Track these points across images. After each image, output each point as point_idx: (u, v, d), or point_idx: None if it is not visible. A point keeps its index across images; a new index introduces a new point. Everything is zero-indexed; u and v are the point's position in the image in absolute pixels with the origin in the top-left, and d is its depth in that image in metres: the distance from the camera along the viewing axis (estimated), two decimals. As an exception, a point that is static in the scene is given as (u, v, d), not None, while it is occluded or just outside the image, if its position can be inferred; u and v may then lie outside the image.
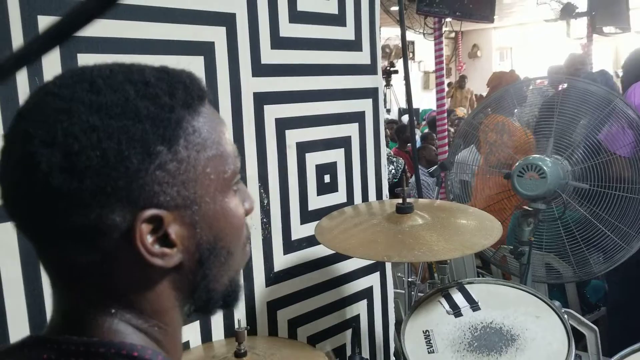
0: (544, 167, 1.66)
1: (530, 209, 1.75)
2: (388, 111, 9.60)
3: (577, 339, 1.79)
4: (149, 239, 0.52)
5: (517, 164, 1.79)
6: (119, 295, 0.55)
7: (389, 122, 7.74)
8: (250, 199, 0.64)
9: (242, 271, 1.54)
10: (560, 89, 2.07)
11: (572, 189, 1.87)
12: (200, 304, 0.61)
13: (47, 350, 0.52)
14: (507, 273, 2.30)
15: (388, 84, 9.42)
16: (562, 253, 1.96)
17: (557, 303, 1.39)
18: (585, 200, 1.84)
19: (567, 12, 6.42)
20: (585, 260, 1.89)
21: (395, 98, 9.71)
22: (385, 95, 9.40)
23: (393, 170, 4.28)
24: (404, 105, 9.26)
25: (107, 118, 0.50)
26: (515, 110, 2.29)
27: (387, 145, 6.08)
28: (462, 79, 12.17)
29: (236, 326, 1.31)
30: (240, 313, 1.56)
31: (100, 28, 1.24)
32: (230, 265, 0.62)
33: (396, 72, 8.49)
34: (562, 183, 1.82)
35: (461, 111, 9.82)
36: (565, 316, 1.33)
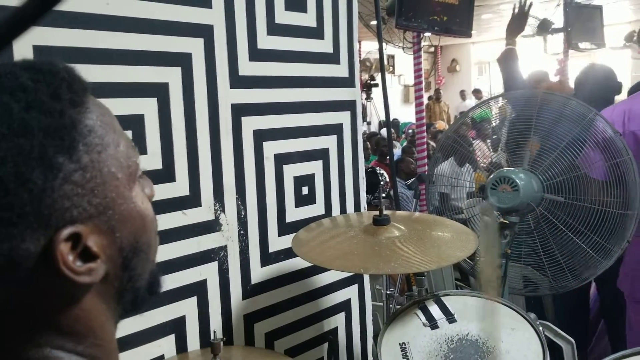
0: (517, 180, 1.68)
1: (506, 222, 1.77)
2: (368, 124, 9.66)
3: (556, 351, 1.81)
4: (70, 258, 0.48)
5: (490, 176, 1.81)
6: (45, 323, 0.51)
7: (369, 135, 7.79)
8: (149, 183, 0.61)
9: (218, 283, 1.54)
10: (537, 102, 2.09)
11: (548, 202, 1.89)
12: (128, 306, 0.58)
13: None
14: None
15: (368, 97, 9.49)
16: (540, 266, 1.98)
17: (532, 315, 1.40)
18: (561, 213, 1.86)
19: (544, 28, 6.52)
20: (562, 273, 1.91)
21: (375, 111, 9.78)
22: (365, 108, 9.46)
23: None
24: (384, 118, 9.29)
25: None
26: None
27: (368, 158, 6.11)
28: (437, 92, 12.33)
29: (212, 337, 1.29)
30: (216, 326, 1.55)
31: (75, 38, 1.23)
32: (151, 258, 0.59)
33: (376, 85, 8.56)
34: (537, 196, 1.84)
35: (442, 124, 9.92)
36: (541, 328, 1.34)
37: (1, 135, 0.45)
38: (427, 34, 4.75)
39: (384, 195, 3.31)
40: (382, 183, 3.95)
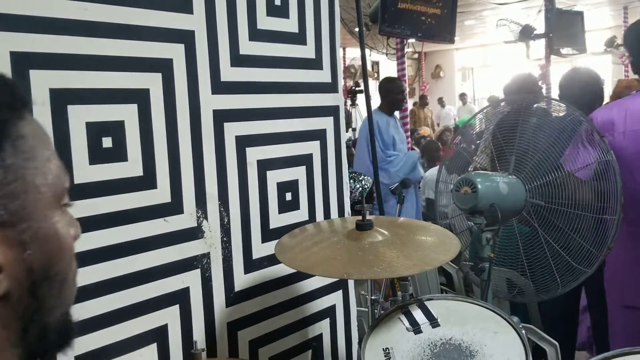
0: (475, 182, 1.73)
1: (473, 224, 1.80)
2: (353, 130, 9.68)
3: (541, 354, 1.82)
4: None
5: (457, 179, 1.85)
6: None
7: (355, 141, 7.79)
8: (77, 225, 0.57)
9: (200, 291, 1.52)
10: (522, 105, 2.10)
11: (530, 207, 1.90)
12: (34, 346, 0.52)
13: None
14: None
15: (354, 104, 9.51)
16: (523, 271, 1.99)
17: (515, 319, 1.41)
18: (546, 218, 1.87)
19: (526, 34, 6.61)
20: (543, 279, 1.92)
21: (360, 117, 9.79)
22: (350, 114, 9.49)
23: (360, 189, 4.30)
24: (369, 124, 9.31)
25: None
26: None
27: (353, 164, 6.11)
28: (423, 98, 12.42)
29: (193, 348, 1.28)
30: (199, 335, 1.53)
31: (54, 44, 1.22)
32: (65, 296, 0.54)
33: (361, 91, 8.57)
34: (520, 200, 1.85)
35: (426, 130, 9.98)
36: (523, 332, 1.35)
37: None
38: (411, 40, 4.79)
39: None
40: (365, 187, 3.96)
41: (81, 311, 1.24)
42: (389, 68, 11.21)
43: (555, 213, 1.84)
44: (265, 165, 1.69)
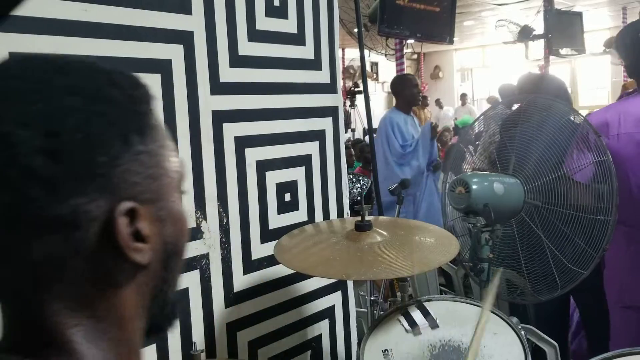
0: (469, 182, 1.74)
1: (469, 224, 1.80)
2: (353, 130, 9.68)
3: (540, 355, 1.81)
4: (127, 231, 0.49)
5: (452, 179, 1.86)
6: (80, 301, 0.50)
7: (354, 142, 7.80)
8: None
9: (200, 292, 1.52)
10: (522, 106, 2.10)
11: (529, 208, 1.90)
12: (154, 317, 0.57)
13: None
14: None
15: (353, 104, 9.52)
16: (522, 272, 1.99)
17: (514, 319, 1.41)
18: (544, 218, 1.87)
19: (525, 34, 6.62)
20: (537, 281, 1.92)
21: (360, 118, 9.80)
22: (349, 115, 9.49)
23: (359, 189, 4.30)
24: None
25: (85, 100, 0.48)
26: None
27: (352, 165, 6.12)
28: (424, 99, 12.42)
29: (192, 349, 1.28)
30: (198, 335, 1.53)
31: (54, 44, 1.22)
32: (179, 273, 0.60)
33: (360, 92, 8.58)
34: (518, 201, 1.85)
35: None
36: (522, 332, 1.35)
37: (91, 97, 0.49)
38: (410, 41, 4.79)
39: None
40: (363, 188, 3.95)
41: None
42: (388, 69, 11.22)
43: (552, 214, 1.84)
44: (264, 166, 1.69)
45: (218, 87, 1.55)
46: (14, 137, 0.45)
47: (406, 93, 4.00)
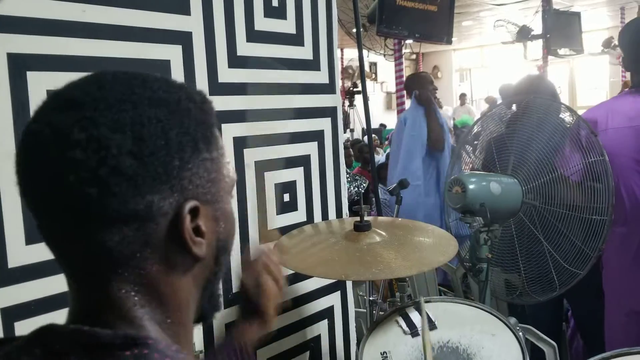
0: (465, 182, 1.77)
1: (466, 223, 1.82)
2: (352, 131, 9.68)
3: (539, 355, 1.81)
4: (190, 227, 0.57)
5: (449, 179, 1.88)
6: (146, 285, 0.56)
7: (352, 142, 7.80)
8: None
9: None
10: (521, 107, 2.11)
11: (527, 207, 1.90)
12: (205, 305, 0.65)
13: (61, 342, 0.52)
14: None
15: (351, 105, 9.52)
16: (520, 272, 1.99)
17: (512, 320, 1.41)
18: (542, 218, 1.87)
19: (523, 34, 6.62)
20: (532, 282, 1.92)
21: (358, 118, 9.80)
22: (348, 115, 9.49)
23: (356, 189, 4.29)
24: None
25: (168, 112, 0.55)
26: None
27: (351, 165, 6.11)
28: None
29: (191, 349, 1.27)
30: (196, 336, 1.52)
31: (52, 45, 1.22)
32: (225, 268, 0.66)
33: (359, 92, 8.56)
34: (516, 201, 1.85)
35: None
36: (520, 333, 1.35)
37: (172, 110, 0.56)
38: (409, 41, 4.79)
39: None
40: (362, 187, 3.94)
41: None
42: (387, 69, 11.22)
43: (549, 214, 1.84)
44: (263, 167, 1.69)
45: (217, 88, 1.55)
46: (107, 140, 0.52)
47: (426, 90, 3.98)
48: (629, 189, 1.92)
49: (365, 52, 6.39)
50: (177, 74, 1.45)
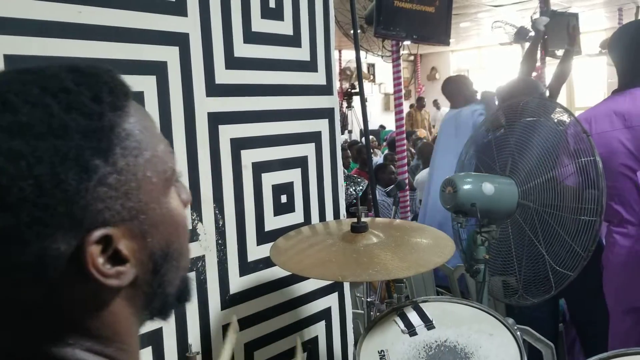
0: (457, 182, 1.80)
1: (457, 222, 1.84)
2: (350, 132, 9.69)
3: (536, 355, 1.81)
4: (100, 260, 0.49)
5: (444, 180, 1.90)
6: (74, 325, 0.51)
7: (350, 143, 7.81)
8: (186, 190, 0.61)
9: (196, 294, 1.52)
10: (518, 109, 2.11)
11: (522, 209, 1.90)
12: (156, 312, 0.59)
13: None
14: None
15: (350, 106, 9.53)
16: (513, 272, 1.99)
17: (510, 320, 1.41)
18: (536, 220, 1.87)
19: (521, 35, 6.61)
20: (526, 283, 1.92)
21: (357, 119, 9.82)
22: (346, 116, 9.50)
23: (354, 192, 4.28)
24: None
25: (33, 140, 0.45)
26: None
27: (348, 166, 6.12)
28: (421, 100, 12.44)
29: (188, 351, 1.27)
30: (194, 337, 1.52)
31: (48, 47, 1.22)
32: (182, 265, 0.60)
33: (357, 93, 8.58)
34: (512, 202, 1.86)
35: (423, 132, 9.99)
36: (518, 333, 1.35)
37: (40, 135, 0.45)
38: (407, 43, 4.79)
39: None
40: (360, 188, 3.94)
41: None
42: (385, 70, 11.23)
43: (543, 215, 1.84)
44: (260, 168, 1.69)
45: (214, 89, 1.55)
46: None
47: (468, 91, 3.99)
48: (620, 195, 1.92)
49: (363, 53, 6.39)
50: (174, 76, 1.45)
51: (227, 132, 1.60)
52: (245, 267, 1.66)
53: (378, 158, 6.89)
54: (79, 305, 0.50)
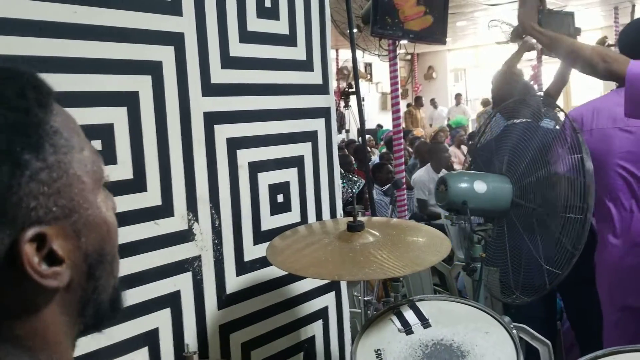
0: (448, 181, 1.84)
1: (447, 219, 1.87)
2: (347, 131, 9.70)
3: (533, 353, 1.82)
4: (36, 259, 0.47)
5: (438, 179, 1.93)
6: (3, 332, 0.48)
7: (347, 143, 7.81)
8: (111, 198, 0.59)
9: (192, 294, 1.52)
10: (514, 108, 2.11)
11: (517, 207, 1.90)
12: (89, 322, 0.56)
13: None
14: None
15: (347, 105, 9.54)
16: (511, 271, 1.99)
17: (506, 318, 1.41)
18: (528, 218, 1.88)
19: (517, 34, 6.62)
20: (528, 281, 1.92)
21: (354, 119, 9.82)
22: (343, 116, 9.50)
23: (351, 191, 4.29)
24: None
25: None
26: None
27: (354, 170, 6.11)
28: (419, 99, 12.45)
29: (184, 351, 1.27)
30: (191, 337, 1.52)
31: (42, 47, 1.21)
32: (115, 272, 0.58)
33: (354, 93, 8.58)
34: (507, 200, 1.86)
35: (420, 131, 10.00)
36: (514, 331, 1.35)
37: None
38: (403, 42, 4.79)
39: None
40: (356, 188, 3.94)
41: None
42: (382, 70, 11.22)
43: (535, 213, 1.85)
44: (256, 167, 1.69)
45: (209, 89, 1.55)
46: None
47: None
48: (612, 191, 1.93)
49: (360, 53, 6.39)
50: (169, 75, 1.45)
51: (223, 132, 1.60)
52: (242, 267, 1.66)
53: (375, 157, 6.89)
54: (11, 311, 0.49)
